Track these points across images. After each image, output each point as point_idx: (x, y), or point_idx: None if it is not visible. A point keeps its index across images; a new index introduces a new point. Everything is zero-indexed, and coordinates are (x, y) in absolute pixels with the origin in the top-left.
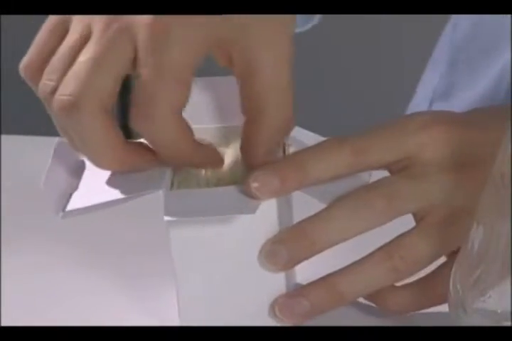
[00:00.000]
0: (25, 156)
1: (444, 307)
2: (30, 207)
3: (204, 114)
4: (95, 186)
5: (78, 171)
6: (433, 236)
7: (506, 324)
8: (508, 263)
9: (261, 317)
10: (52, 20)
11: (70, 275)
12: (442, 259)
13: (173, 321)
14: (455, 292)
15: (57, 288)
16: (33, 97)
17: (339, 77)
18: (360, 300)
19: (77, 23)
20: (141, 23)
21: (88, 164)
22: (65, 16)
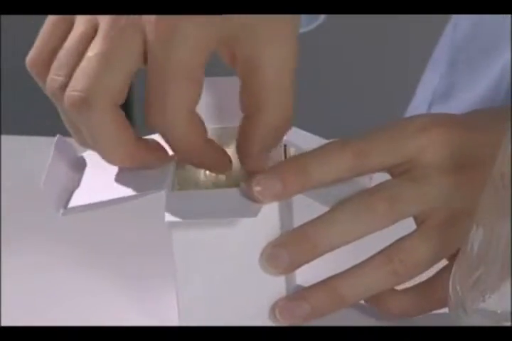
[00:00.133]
0: (25, 156)
1: (444, 311)
2: (30, 207)
3: (204, 114)
4: (96, 184)
5: (79, 168)
6: (434, 239)
7: (506, 324)
8: (508, 264)
9: (260, 319)
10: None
11: (70, 276)
12: (443, 263)
13: (173, 322)
14: (455, 293)
15: (57, 288)
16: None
17: (339, 78)
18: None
19: (82, 16)
20: (148, 19)
21: (89, 161)
22: None
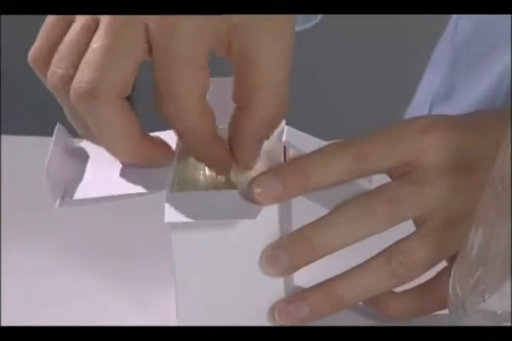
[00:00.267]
0: (25, 156)
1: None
2: (30, 207)
3: None
4: (96, 179)
5: (77, 158)
6: (433, 241)
7: (506, 324)
8: (508, 265)
9: (259, 320)
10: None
11: (70, 276)
12: (442, 264)
13: (172, 322)
14: (455, 294)
15: (57, 288)
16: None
17: (338, 78)
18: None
19: None
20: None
21: (89, 152)
22: None
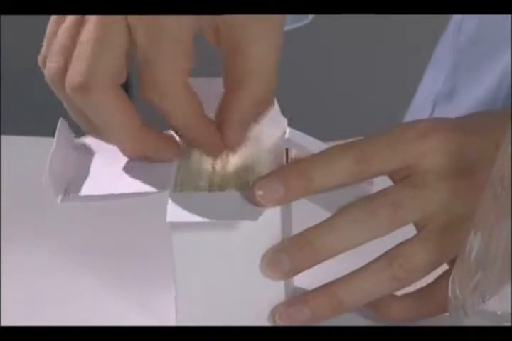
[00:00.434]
0: (25, 157)
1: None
2: (30, 207)
3: None
4: (99, 176)
5: (80, 154)
6: (434, 244)
7: (506, 325)
8: (508, 266)
9: (259, 322)
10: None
11: (70, 276)
12: (443, 268)
13: (172, 322)
14: (454, 296)
15: (56, 288)
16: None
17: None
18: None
19: None
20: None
21: (92, 148)
22: None
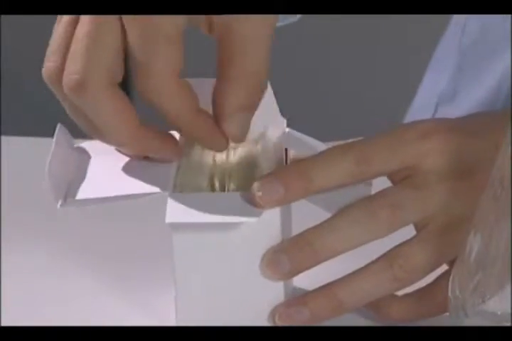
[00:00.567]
0: (25, 157)
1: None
2: (30, 207)
3: None
4: (98, 179)
5: (79, 158)
6: (433, 245)
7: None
8: (508, 266)
9: (258, 322)
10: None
11: (70, 276)
12: (443, 268)
13: (172, 322)
14: (455, 297)
15: (57, 288)
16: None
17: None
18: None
19: None
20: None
21: (90, 152)
22: None
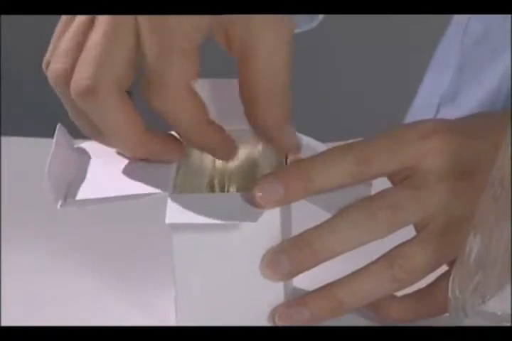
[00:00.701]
0: (25, 158)
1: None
2: (30, 207)
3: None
4: (98, 180)
5: (79, 159)
6: (433, 245)
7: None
8: (508, 267)
9: (258, 323)
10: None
11: (70, 276)
12: (443, 269)
13: (172, 322)
14: (455, 297)
15: (56, 288)
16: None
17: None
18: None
19: None
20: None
21: (90, 153)
22: None
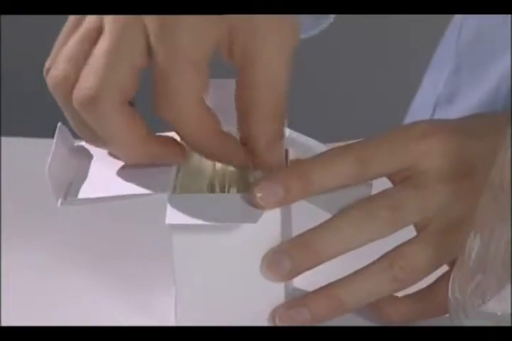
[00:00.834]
0: (25, 158)
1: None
2: (30, 207)
3: None
4: (99, 178)
5: (79, 157)
6: (434, 246)
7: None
8: (508, 267)
9: (259, 323)
10: (72, 19)
11: (70, 276)
12: (444, 269)
13: (172, 322)
14: (455, 298)
15: (57, 288)
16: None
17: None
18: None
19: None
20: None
21: (91, 151)
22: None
